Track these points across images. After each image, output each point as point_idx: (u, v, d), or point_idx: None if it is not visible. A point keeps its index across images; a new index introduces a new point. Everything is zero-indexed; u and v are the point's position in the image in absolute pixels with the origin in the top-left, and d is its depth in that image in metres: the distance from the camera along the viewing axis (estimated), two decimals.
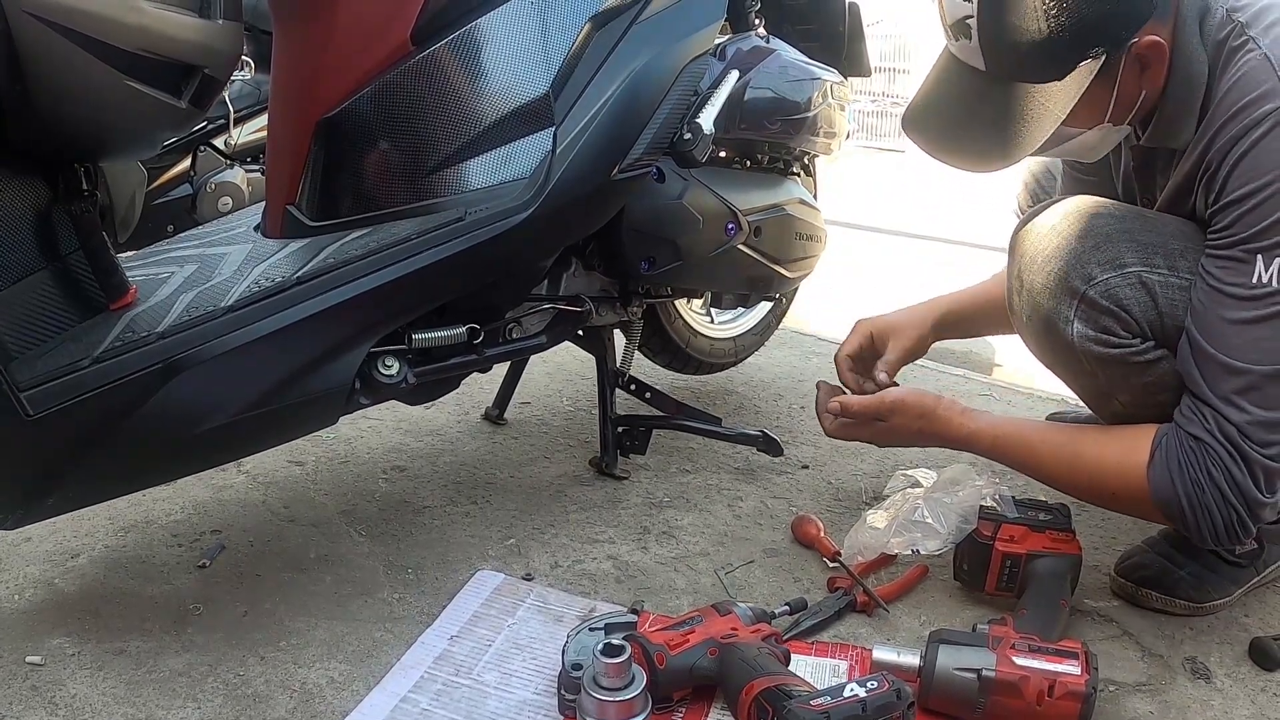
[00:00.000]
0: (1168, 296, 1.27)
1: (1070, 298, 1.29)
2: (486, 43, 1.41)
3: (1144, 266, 1.28)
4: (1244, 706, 1.27)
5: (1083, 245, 1.30)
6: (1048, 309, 1.32)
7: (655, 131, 1.49)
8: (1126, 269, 1.28)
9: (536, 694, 1.24)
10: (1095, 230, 1.31)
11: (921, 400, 1.53)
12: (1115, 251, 1.29)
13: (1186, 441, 1.26)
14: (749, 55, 1.79)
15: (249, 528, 1.63)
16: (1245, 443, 1.22)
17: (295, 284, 1.27)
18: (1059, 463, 1.41)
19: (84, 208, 1.26)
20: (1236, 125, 1.22)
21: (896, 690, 1.07)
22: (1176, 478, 1.26)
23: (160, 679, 1.26)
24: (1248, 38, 1.23)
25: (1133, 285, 1.27)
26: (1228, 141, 1.23)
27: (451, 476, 1.85)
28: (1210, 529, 1.26)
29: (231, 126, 3.01)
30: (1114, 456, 1.33)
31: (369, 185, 1.42)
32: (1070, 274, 1.29)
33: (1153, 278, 1.28)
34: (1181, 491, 1.25)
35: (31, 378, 1.14)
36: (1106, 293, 1.27)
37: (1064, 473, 1.41)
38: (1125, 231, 1.30)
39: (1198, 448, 1.24)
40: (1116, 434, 1.36)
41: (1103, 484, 1.36)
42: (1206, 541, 1.30)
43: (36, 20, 1.05)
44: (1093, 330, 1.29)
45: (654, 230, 1.62)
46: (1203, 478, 1.24)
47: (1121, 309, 1.27)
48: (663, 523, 1.69)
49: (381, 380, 1.38)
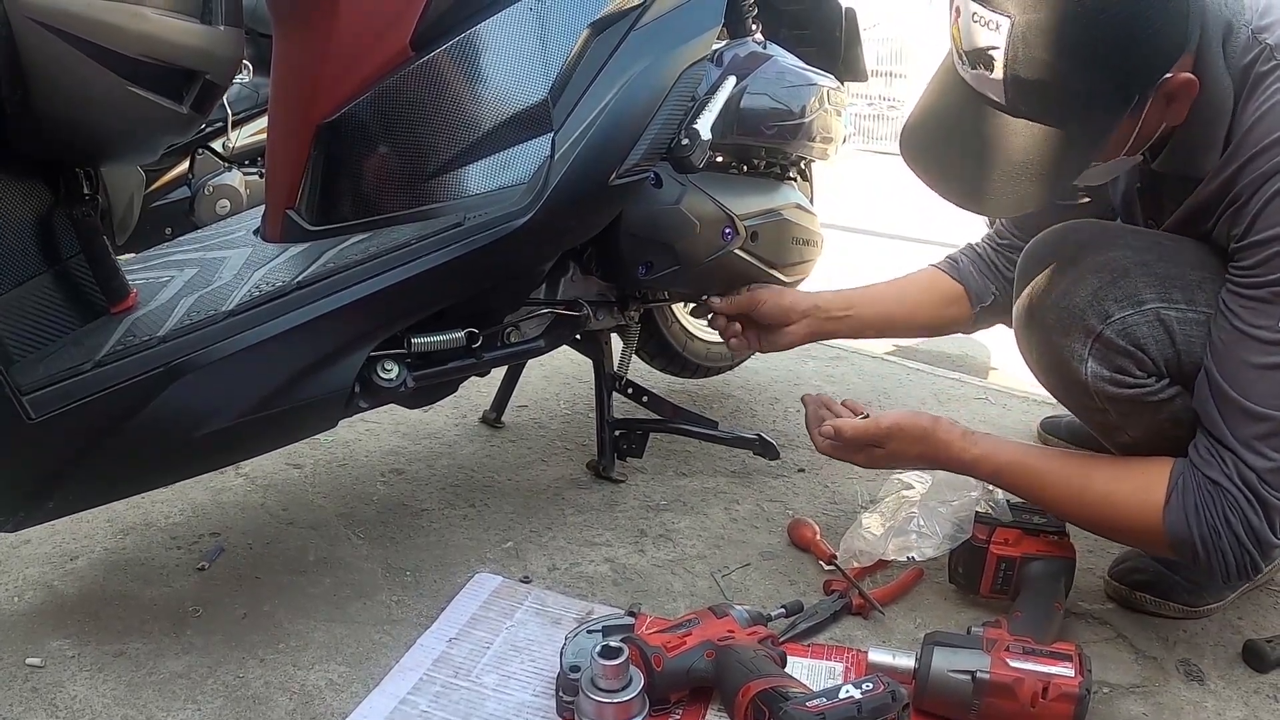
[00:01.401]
0: (1185, 333, 1.23)
1: (1085, 336, 1.25)
2: (486, 48, 1.42)
3: (1162, 302, 1.24)
4: (1237, 708, 1.28)
5: (1099, 280, 1.25)
6: (1060, 345, 1.28)
7: (653, 137, 1.50)
8: (1144, 306, 1.24)
9: (535, 696, 1.24)
10: (1112, 264, 1.26)
11: (918, 422, 1.46)
12: (1133, 287, 1.24)
13: (1205, 485, 1.22)
14: (746, 61, 1.80)
15: (248, 530, 1.64)
16: (1265, 489, 1.19)
17: (295, 288, 1.27)
18: (1069, 494, 1.35)
19: (85, 212, 1.26)
20: (1268, 160, 1.16)
21: (891, 692, 1.08)
22: (1193, 520, 1.22)
23: (160, 681, 1.27)
24: (1277, 62, 1.18)
25: (1150, 323, 1.23)
26: (1259, 177, 1.17)
27: (449, 479, 1.85)
28: (1223, 569, 1.24)
29: (230, 129, 3.00)
30: (1127, 492, 1.29)
31: (368, 190, 1.43)
32: (1086, 311, 1.25)
33: (1170, 314, 1.23)
34: (1198, 535, 1.22)
35: (33, 381, 1.15)
36: (1123, 331, 1.23)
37: (1073, 504, 1.36)
38: (1143, 264, 1.26)
39: (1216, 492, 1.21)
40: (1130, 469, 1.32)
41: (1113, 518, 1.32)
42: (1217, 580, 1.29)
43: (40, 26, 1.06)
44: (1107, 370, 1.25)
45: (651, 235, 1.63)
46: (1220, 523, 1.21)
47: (1138, 348, 1.24)
48: (660, 525, 1.70)
49: (380, 384, 1.38)
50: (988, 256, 1.73)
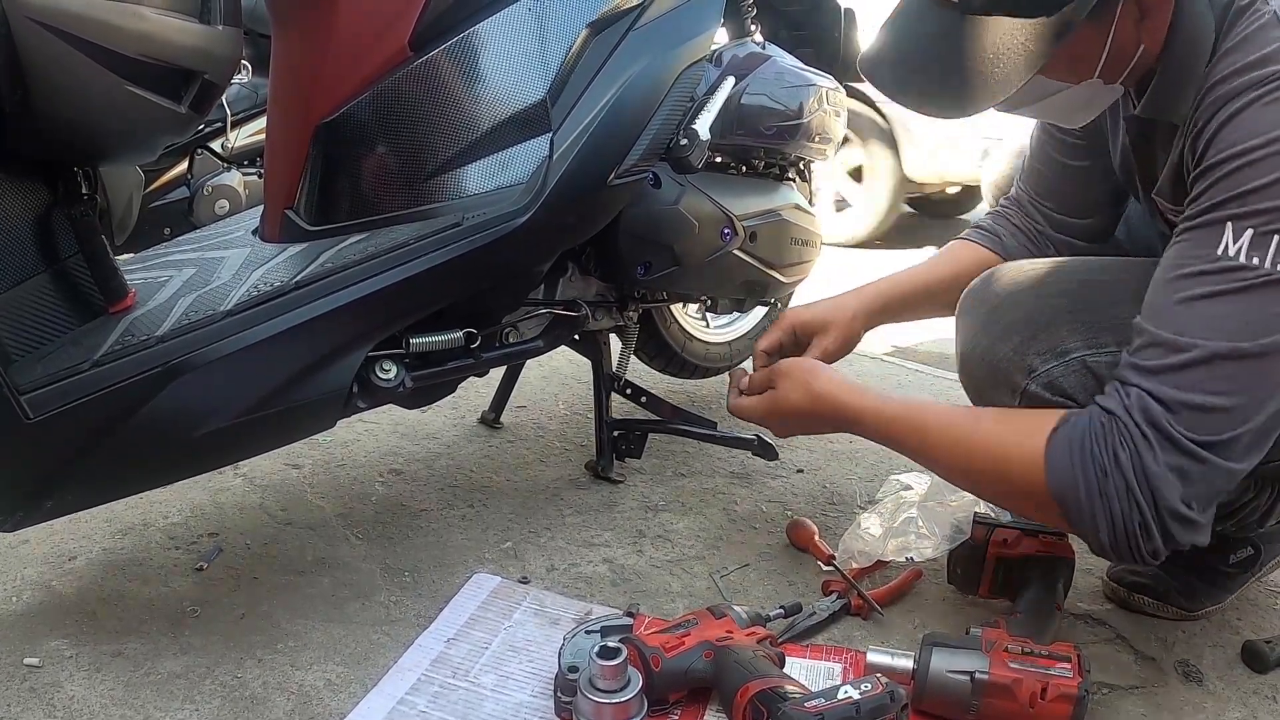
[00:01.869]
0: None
1: (1011, 392, 1.23)
2: (484, 49, 1.42)
3: (1089, 349, 1.19)
4: (1236, 709, 1.28)
5: (1020, 336, 1.22)
6: (991, 398, 1.27)
7: (652, 137, 1.50)
8: (1069, 356, 1.20)
9: (533, 696, 1.24)
10: (1034, 317, 1.22)
11: (803, 366, 1.38)
12: (1056, 338, 1.20)
13: (1098, 417, 1.07)
14: (745, 61, 1.80)
15: (246, 530, 1.64)
16: (1170, 423, 1.03)
17: (294, 288, 1.27)
18: (953, 446, 1.21)
19: (83, 211, 1.27)
20: (1229, 85, 1.04)
21: (890, 692, 1.07)
22: (1077, 458, 1.07)
23: (158, 681, 1.27)
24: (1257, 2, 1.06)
25: (1076, 373, 1.19)
26: (1218, 99, 1.05)
27: (448, 480, 1.85)
28: (1109, 530, 1.07)
29: (229, 130, 3.01)
30: (1012, 435, 1.15)
31: (367, 190, 1.43)
32: (1010, 368, 1.22)
33: (1098, 359, 1.18)
34: (1081, 477, 1.06)
35: (31, 381, 1.15)
36: (1049, 384, 1.20)
37: (957, 457, 1.21)
38: (1069, 311, 1.21)
39: (1109, 423, 1.06)
40: (1020, 413, 1.20)
41: (996, 470, 1.16)
42: (1105, 551, 1.10)
43: (39, 26, 1.06)
44: None
45: (650, 235, 1.63)
46: (1108, 460, 1.05)
47: (1067, 398, 1.19)
48: (658, 526, 1.69)
49: (379, 384, 1.38)
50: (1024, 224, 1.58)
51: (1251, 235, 1.00)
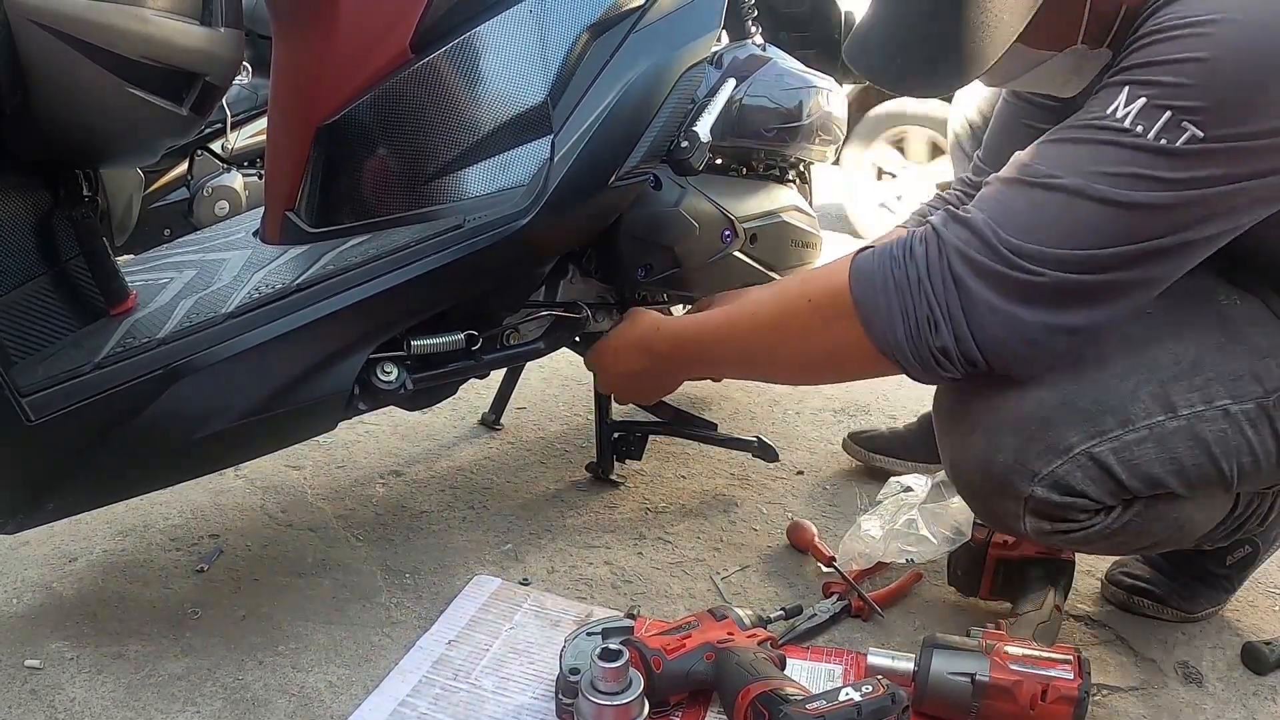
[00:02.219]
0: (1124, 458, 1.10)
1: (1015, 500, 1.14)
2: (485, 51, 1.42)
3: (1091, 439, 1.10)
4: (1236, 710, 1.28)
5: (1017, 438, 1.12)
6: (994, 505, 1.18)
7: (652, 139, 1.50)
8: (1072, 451, 1.10)
9: (534, 698, 1.24)
10: (1029, 415, 1.11)
11: (643, 310, 1.48)
12: (1055, 436, 1.11)
13: (916, 233, 1.08)
14: (745, 63, 1.80)
15: (247, 532, 1.64)
16: (996, 237, 1.03)
17: (295, 290, 1.27)
18: (765, 321, 1.24)
19: (84, 213, 1.27)
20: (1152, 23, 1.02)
21: (891, 694, 1.08)
22: (876, 260, 1.09)
23: (159, 683, 1.27)
24: None
25: (1082, 467, 1.10)
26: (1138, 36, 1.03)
27: (448, 482, 1.85)
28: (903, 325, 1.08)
29: (229, 131, 3.01)
30: (822, 271, 1.18)
31: (368, 192, 1.43)
32: (1011, 475, 1.12)
33: (1103, 448, 1.10)
34: (878, 273, 1.09)
35: (33, 383, 1.15)
36: (1055, 485, 1.11)
37: (769, 330, 1.24)
38: (1062, 404, 1.11)
39: (926, 235, 1.07)
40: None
41: (808, 311, 1.17)
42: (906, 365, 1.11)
43: (40, 28, 1.06)
44: (1048, 524, 1.15)
45: (651, 237, 1.63)
46: (904, 253, 1.07)
47: (1075, 495, 1.12)
48: (659, 528, 1.70)
49: (380, 386, 1.38)
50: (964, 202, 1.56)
51: (1144, 104, 0.99)
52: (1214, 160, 0.99)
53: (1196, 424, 1.10)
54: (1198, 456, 1.11)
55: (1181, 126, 0.98)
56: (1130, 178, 1.00)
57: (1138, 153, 1.00)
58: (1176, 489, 1.12)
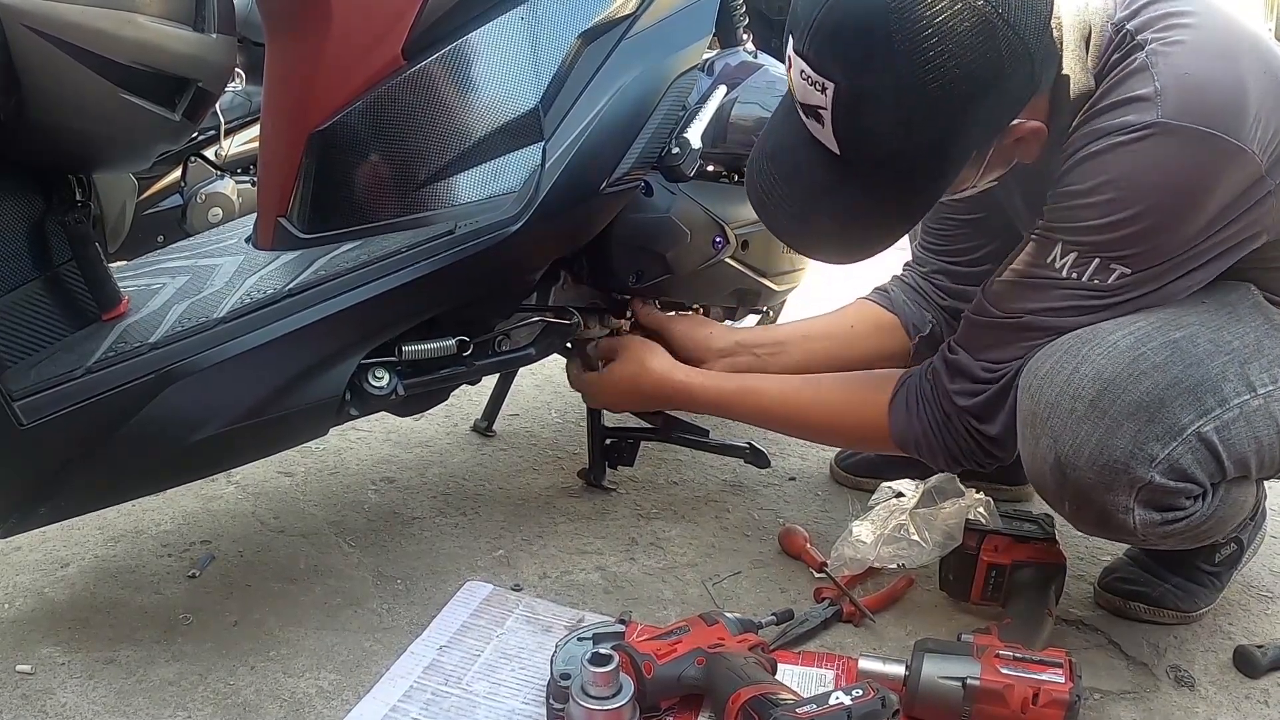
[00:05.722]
0: (1225, 437, 1.13)
1: (1130, 487, 1.12)
2: (477, 58, 1.42)
3: (1199, 418, 1.12)
4: (1228, 714, 1.29)
5: (1136, 424, 1.11)
6: (1103, 502, 1.15)
7: (643, 146, 1.50)
8: (1185, 432, 1.11)
9: (525, 703, 1.25)
10: (1146, 400, 1.11)
11: (642, 342, 1.60)
12: (1170, 417, 1.11)
13: (926, 373, 1.36)
14: (737, 70, 1.81)
15: (239, 538, 1.64)
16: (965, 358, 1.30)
17: (287, 296, 1.27)
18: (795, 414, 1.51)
19: (77, 219, 1.26)
20: (1088, 127, 1.14)
21: (882, 698, 1.08)
22: (914, 410, 1.36)
23: (150, 688, 1.27)
24: (1134, 43, 1.13)
25: (1194, 449, 1.12)
26: (1078, 138, 1.15)
27: (440, 488, 1.85)
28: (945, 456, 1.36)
29: (222, 137, 3.01)
30: (857, 404, 1.45)
31: (360, 198, 1.43)
32: (1130, 462, 1.11)
33: (1209, 428, 1.12)
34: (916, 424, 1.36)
35: (24, 387, 1.15)
36: (1170, 470, 1.11)
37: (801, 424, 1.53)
38: (1172, 382, 1.11)
39: (925, 372, 1.35)
40: (858, 378, 1.50)
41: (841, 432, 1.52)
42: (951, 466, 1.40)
43: (33, 33, 1.07)
44: (1157, 514, 1.15)
45: (642, 244, 1.63)
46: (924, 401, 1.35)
47: (1187, 480, 1.13)
48: (650, 534, 1.70)
49: (372, 392, 1.38)
50: (917, 285, 1.69)
51: (1075, 257, 1.17)
52: (1144, 284, 1.16)
53: (1270, 403, 1.16)
54: (1273, 436, 1.17)
55: (1110, 268, 1.16)
56: (1073, 310, 1.19)
57: (1076, 291, 1.18)
58: (1254, 470, 1.19)
